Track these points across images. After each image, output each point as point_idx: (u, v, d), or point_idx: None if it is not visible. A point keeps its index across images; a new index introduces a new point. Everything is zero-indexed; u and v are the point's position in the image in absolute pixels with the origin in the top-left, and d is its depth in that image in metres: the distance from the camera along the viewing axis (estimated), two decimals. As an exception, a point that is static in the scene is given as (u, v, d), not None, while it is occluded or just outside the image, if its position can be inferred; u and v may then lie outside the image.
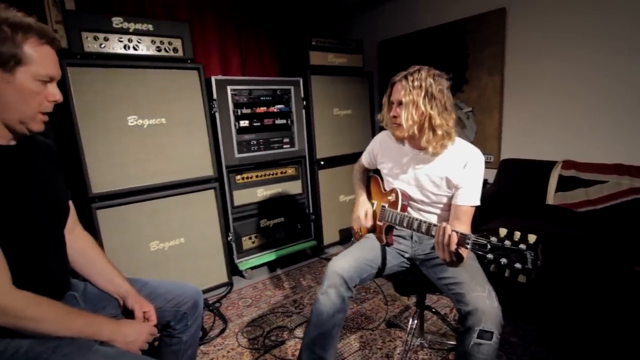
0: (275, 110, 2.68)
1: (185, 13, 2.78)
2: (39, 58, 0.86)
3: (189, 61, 2.25)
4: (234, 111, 2.50)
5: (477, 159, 1.35)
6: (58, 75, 0.91)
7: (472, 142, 1.44)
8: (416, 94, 1.30)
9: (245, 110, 2.55)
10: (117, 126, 2.02)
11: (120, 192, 2.06)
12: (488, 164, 2.87)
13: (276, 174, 2.79)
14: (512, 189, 2.52)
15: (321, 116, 2.92)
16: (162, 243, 2.25)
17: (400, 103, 1.35)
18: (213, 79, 2.39)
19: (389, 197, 1.52)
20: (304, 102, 2.82)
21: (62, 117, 1.90)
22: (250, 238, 2.71)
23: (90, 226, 2.01)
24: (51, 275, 0.94)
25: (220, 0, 2.94)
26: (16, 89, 0.84)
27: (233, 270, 2.61)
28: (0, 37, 0.80)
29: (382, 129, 1.62)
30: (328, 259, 2.91)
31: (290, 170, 2.86)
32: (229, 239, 2.58)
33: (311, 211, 3.01)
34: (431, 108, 1.29)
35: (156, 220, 2.21)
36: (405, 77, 1.34)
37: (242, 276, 2.68)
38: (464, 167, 1.34)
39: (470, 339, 1.15)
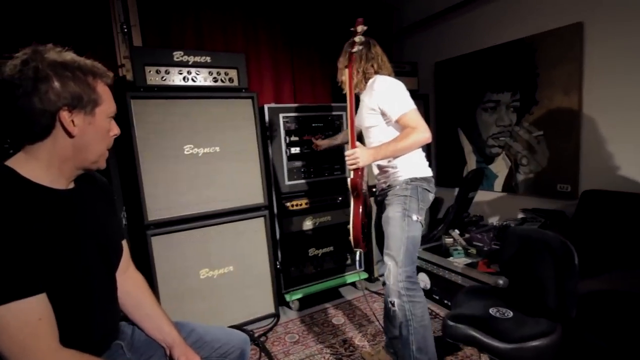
0: (322, 137, 2.61)
1: (242, 43, 2.86)
2: (107, 96, 0.89)
3: (243, 90, 2.28)
4: (285, 138, 2.48)
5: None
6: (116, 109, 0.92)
7: (543, 169, 1.29)
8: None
9: (295, 138, 2.51)
10: (174, 155, 2.07)
11: (175, 219, 2.09)
12: (563, 195, 2.54)
13: (326, 201, 2.70)
14: (602, 229, 2.14)
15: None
16: (211, 271, 2.23)
17: None
18: (266, 107, 2.40)
19: None
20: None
21: (124, 148, 1.99)
22: (298, 267, 2.62)
23: (145, 252, 2.05)
24: (100, 326, 0.91)
25: (275, 27, 3.00)
26: (96, 129, 0.87)
27: (280, 300, 2.52)
28: (78, 82, 0.82)
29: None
30: (380, 294, 2.72)
31: (340, 198, 2.75)
32: (277, 267, 2.51)
33: (362, 241, 2.85)
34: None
35: (207, 248, 2.21)
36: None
37: (289, 307, 2.58)
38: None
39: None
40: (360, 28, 1.49)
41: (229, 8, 2.79)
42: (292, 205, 2.56)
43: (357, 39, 1.51)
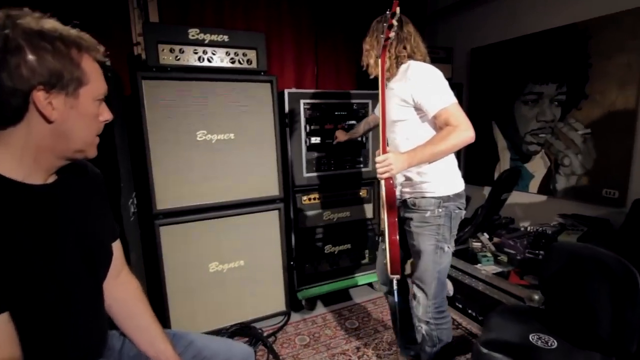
0: (345, 126, 2.43)
1: (263, 24, 2.68)
2: (95, 75, 0.74)
3: (262, 73, 2.11)
4: (305, 126, 2.31)
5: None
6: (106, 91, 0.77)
7: (587, 172, 1.07)
8: None
9: (316, 126, 2.34)
10: (186, 140, 1.95)
11: (185, 209, 1.98)
12: (609, 201, 2.28)
13: (346, 195, 2.53)
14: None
15: (400, 134, 2.60)
16: (221, 264, 2.12)
17: None
18: (286, 91, 2.23)
19: None
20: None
21: (134, 131, 1.87)
22: (312, 264, 2.48)
23: (152, 243, 1.96)
24: (79, 344, 0.79)
25: (300, 8, 2.80)
26: (80, 113, 0.72)
27: (292, 298, 2.40)
28: (58, 57, 0.67)
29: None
30: (398, 296, 2.56)
31: (362, 192, 2.58)
32: (290, 263, 2.38)
33: (381, 239, 2.69)
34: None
35: (218, 240, 2.09)
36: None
37: (301, 305, 2.46)
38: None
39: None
40: (398, 11, 1.24)
41: (251, -15, 2.61)
42: (310, 199, 2.41)
43: (393, 22, 1.25)
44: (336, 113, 2.40)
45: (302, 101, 2.28)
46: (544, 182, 2.70)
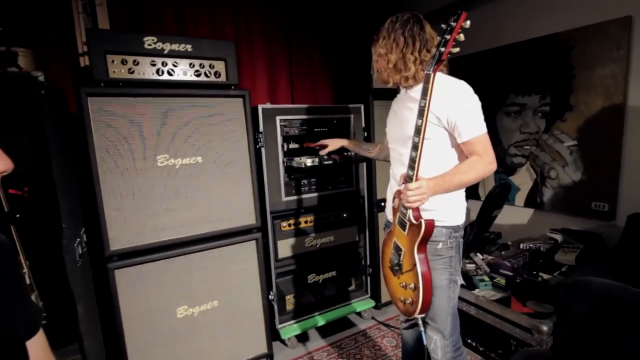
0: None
1: (231, 31, 2.43)
2: None
3: (232, 87, 1.87)
4: (282, 145, 2.07)
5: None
6: None
7: (575, 184, 0.96)
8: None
9: (294, 145, 2.11)
10: (144, 167, 1.65)
11: (145, 247, 1.68)
12: (599, 214, 2.21)
13: (328, 218, 2.31)
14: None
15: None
16: (191, 308, 1.83)
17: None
18: (260, 107, 1.99)
19: None
20: (365, 133, 2.34)
21: (80, 158, 1.56)
22: (295, 296, 2.23)
23: (106, 289, 1.64)
24: None
25: (270, 13, 2.57)
26: None
27: (274, 335, 2.14)
28: None
29: None
30: (389, 326, 2.36)
31: (345, 214, 2.37)
32: (270, 298, 2.12)
33: (368, 263, 2.49)
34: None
35: (185, 281, 1.80)
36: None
37: (285, 344, 2.19)
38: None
39: None
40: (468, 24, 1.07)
41: (216, -12, 2.36)
42: (289, 225, 2.17)
43: (462, 36, 1.07)
44: (316, 129, 2.19)
45: (278, 118, 2.05)
46: (531, 195, 2.61)
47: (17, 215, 1.34)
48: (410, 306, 1.18)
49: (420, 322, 1.26)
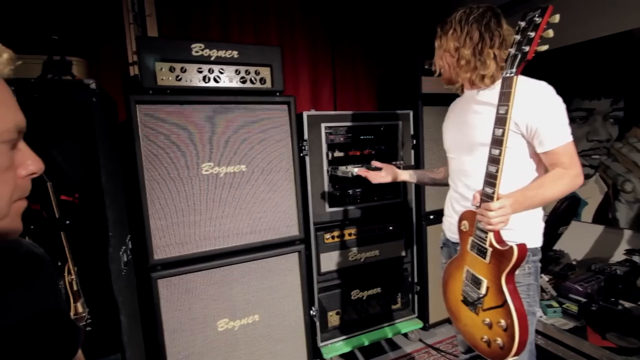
0: (372, 152, 2.11)
1: (275, 37, 2.40)
2: None
3: (277, 94, 1.81)
4: (327, 154, 1.98)
5: None
6: (24, 125, 0.45)
7: None
8: None
9: (339, 153, 2.02)
10: (189, 176, 1.62)
11: (188, 257, 1.64)
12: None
13: (374, 231, 2.18)
14: None
15: (434, 157, 2.26)
16: (232, 321, 1.76)
17: None
18: (305, 114, 1.91)
19: None
20: (414, 141, 2.20)
21: (127, 166, 1.56)
22: (338, 313, 2.11)
23: (149, 299, 1.61)
24: None
25: (314, 19, 2.52)
26: None
27: (315, 353, 2.03)
28: None
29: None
30: (440, 350, 2.17)
31: (391, 227, 2.22)
32: (312, 314, 2.02)
33: (415, 280, 2.32)
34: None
35: (227, 293, 1.74)
36: None
37: (326, 363, 2.07)
38: None
39: None
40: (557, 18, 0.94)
41: (260, -4, 2.34)
42: (333, 237, 2.06)
43: (550, 32, 0.94)
44: (362, 137, 2.08)
45: (323, 125, 1.97)
46: (600, 210, 2.33)
47: (67, 222, 1.34)
48: (501, 349, 1.00)
49: None
